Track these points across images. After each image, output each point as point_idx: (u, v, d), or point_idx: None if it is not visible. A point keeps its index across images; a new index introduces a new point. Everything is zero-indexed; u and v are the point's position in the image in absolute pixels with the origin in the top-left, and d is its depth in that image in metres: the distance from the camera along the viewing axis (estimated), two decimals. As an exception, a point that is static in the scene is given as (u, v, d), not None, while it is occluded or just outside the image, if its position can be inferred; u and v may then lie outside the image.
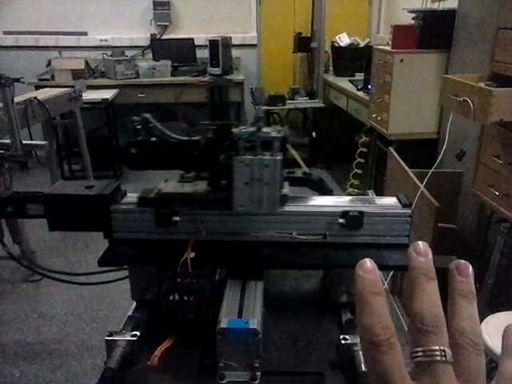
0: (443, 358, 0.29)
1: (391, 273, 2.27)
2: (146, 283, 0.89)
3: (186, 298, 0.82)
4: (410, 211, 0.87)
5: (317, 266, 0.93)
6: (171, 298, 0.81)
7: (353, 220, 0.85)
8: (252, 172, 0.82)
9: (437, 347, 0.30)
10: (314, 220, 0.87)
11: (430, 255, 0.33)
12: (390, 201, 0.91)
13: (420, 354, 0.30)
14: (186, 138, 0.86)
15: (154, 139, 0.86)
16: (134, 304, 0.90)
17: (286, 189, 0.89)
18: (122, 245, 0.89)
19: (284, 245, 0.87)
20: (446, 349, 0.30)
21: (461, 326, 0.31)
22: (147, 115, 0.85)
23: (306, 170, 0.97)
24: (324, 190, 0.96)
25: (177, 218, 0.86)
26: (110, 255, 0.87)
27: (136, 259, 0.88)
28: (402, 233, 0.87)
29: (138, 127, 0.85)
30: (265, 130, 0.80)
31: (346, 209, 0.86)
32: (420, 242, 0.34)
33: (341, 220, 0.85)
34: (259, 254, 0.87)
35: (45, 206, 0.89)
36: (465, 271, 0.33)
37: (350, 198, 0.93)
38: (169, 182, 0.92)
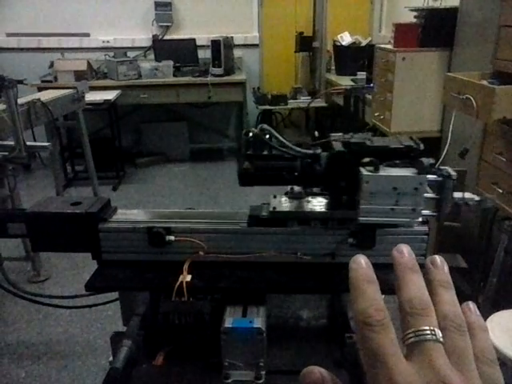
0: (434, 337, 0.30)
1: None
2: (139, 308, 0.84)
3: (184, 320, 0.78)
4: (427, 228, 0.80)
5: (324, 290, 0.85)
6: (170, 321, 0.78)
7: (364, 238, 0.79)
8: (388, 189, 0.71)
9: (427, 327, 0.30)
10: (321, 238, 0.81)
11: (413, 255, 0.35)
12: None
13: (411, 335, 0.31)
14: (310, 152, 0.77)
15: (265, 153, 0.78)
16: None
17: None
18: (112, 267, 0.83)
19: (288, 266, 0.81)
20: (435, 328, 0.31)
21: (443, 310, 0.32)
22: (266, 126, 0.75)
23: None
24: None
25: (171, 238, 0.80)
26: (99, 279, 0.81)
27: (127, 284, 0.81)
28: (418, 252, 0.78)
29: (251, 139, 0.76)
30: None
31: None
32: (401, 244, 0.35)
33: (350, 239, 0.79)
34: (261, 277, 0.80)
35: (27, 225, 0.82)
36: (439, 264, 0.35)
37: None
38: (278, 198, 0.84)
